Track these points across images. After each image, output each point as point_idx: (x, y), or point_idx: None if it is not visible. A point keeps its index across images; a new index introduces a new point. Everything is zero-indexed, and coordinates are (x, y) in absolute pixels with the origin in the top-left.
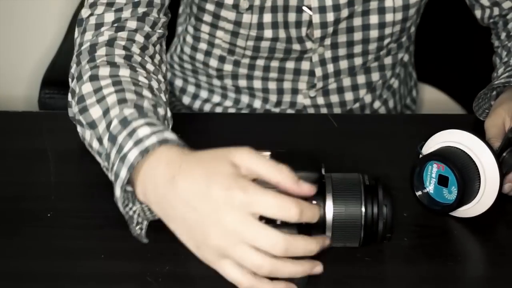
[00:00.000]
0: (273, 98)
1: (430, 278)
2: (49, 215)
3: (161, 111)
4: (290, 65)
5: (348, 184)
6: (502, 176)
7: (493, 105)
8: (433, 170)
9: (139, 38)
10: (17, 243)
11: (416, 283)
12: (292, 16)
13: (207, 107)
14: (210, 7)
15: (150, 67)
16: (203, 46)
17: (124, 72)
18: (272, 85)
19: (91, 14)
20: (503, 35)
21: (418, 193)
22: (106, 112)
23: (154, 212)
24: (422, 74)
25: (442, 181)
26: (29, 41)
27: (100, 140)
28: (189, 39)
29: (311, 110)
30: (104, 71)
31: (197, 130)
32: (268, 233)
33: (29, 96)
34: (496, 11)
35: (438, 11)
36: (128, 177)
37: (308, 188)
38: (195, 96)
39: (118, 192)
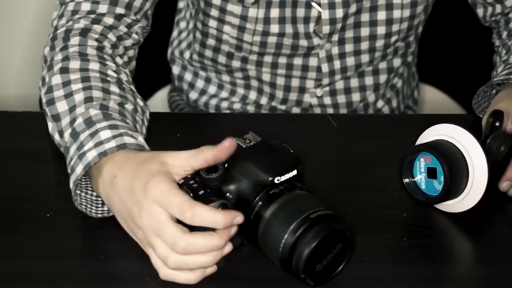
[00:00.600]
0: (279, 95)
1: (430, 278)
2: (48, 215)
3: (128, 107)
4: (297, 61)
5: (296, 207)
6: (490, 163)
7: (492, 101)
8: (421, 164)
9: (112, 36)
10: (17, 243)
11: (416, 283)
12: (300, 12)
13: (213, 102)
14: (216, 1)
15: (119, 60)
16: (211, 42)
17: (94, 66)
18: (280, 81)
19: (71, 0)
20: (504, 34)
21: (406, 180)
22: (72, 108)
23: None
24: (423, 74)
25: (431, 173)
26: (29, 41)
27: (61, 133)
28: (198, 35)
29: (317, 109)
30: (75, 64)
31: (196, 130)
32: (169, 231)
33: (29, 96)
34: (498, 8)
35: (439, 12)
36: (83, 173)
37: (209, 155)
38: (203, 92)
39: (71, 185)
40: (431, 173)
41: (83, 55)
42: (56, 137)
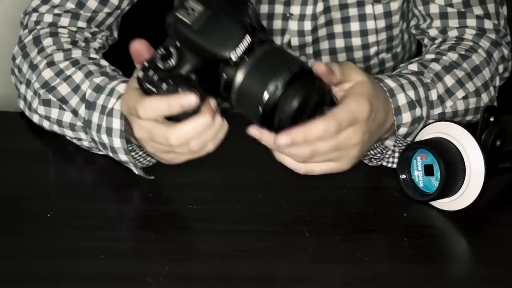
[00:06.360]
0: None
1: (430, 278)
2: (49, 215)
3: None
4: None
5: (278, 60)
6: (486, 157)
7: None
8: (418, 163)
9: (79, 37)
10: (17, 243)
11: (416, 283)
12: (277, 24)
13: None
14: None
15: (93, 52)
16: None
17: (77, 53)
18: None
19: (35, 11)
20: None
21: (402, 176)
22: (76, 88)
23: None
24: None
25: (428, 170)
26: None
27: (75, 112)
28: None
29: None
30: (59, 56)
31: None
32: (157, 131)
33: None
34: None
35: None
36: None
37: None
38: None
39: (118, 142)
40: (428, 170)
41: (63, 49)
42: (66, 119)
